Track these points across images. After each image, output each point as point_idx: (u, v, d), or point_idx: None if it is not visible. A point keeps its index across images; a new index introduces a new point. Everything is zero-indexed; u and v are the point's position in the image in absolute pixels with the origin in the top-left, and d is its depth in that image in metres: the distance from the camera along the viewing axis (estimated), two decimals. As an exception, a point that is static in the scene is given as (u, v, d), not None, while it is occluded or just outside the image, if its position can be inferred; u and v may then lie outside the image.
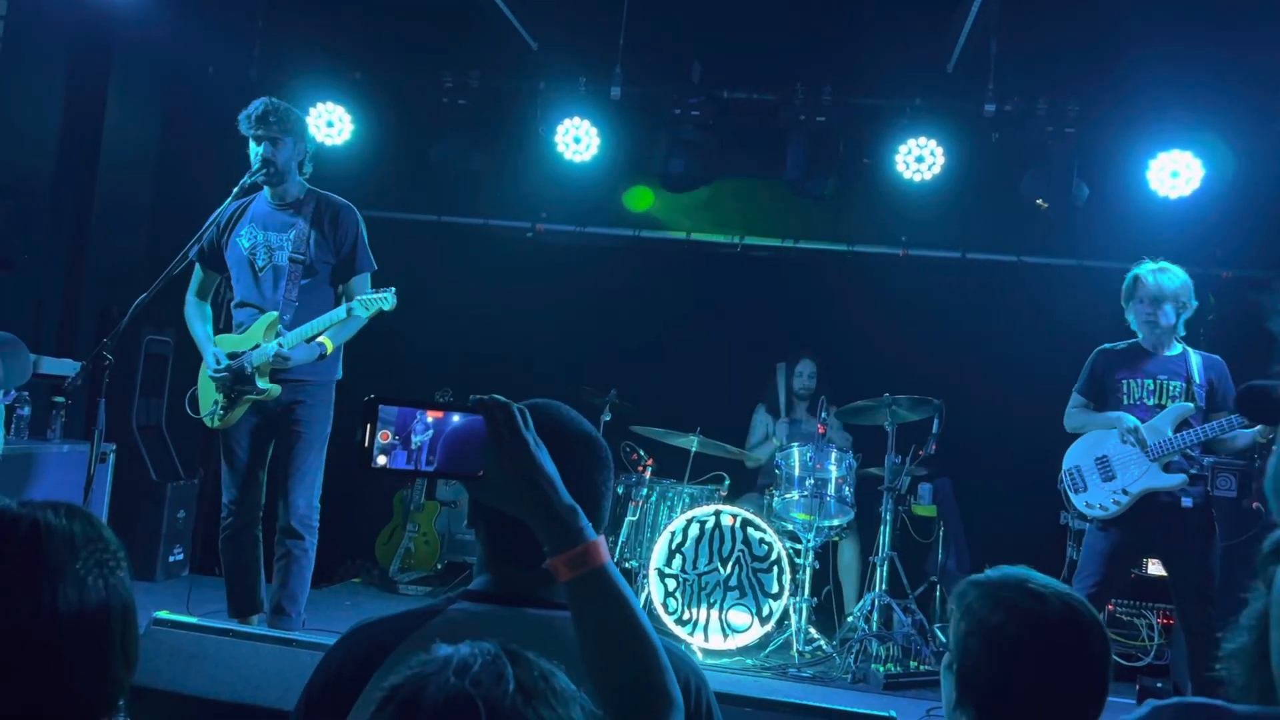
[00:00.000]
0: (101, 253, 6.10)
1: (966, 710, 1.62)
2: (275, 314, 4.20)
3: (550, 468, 1.35)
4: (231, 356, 4.20)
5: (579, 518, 1.33)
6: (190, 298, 4.44)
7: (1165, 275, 4.35)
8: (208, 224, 4.31)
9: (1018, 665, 1.56)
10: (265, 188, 4.31)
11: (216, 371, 4.18)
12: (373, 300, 4.23)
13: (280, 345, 4.11)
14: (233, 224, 4.33)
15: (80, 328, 5.99)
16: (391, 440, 1.32)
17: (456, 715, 0.90)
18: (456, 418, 1.34)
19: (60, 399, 5.35)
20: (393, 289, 4.27)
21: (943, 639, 4.89)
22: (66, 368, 5.29)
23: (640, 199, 7.18)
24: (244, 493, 4.28)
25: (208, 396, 4.31)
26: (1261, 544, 1.15)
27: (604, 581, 1.31)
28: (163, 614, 2.51)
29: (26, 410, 5.30)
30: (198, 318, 4.41)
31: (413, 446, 1.33)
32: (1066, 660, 1.56)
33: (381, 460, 1.31)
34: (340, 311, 4.22)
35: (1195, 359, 4.38)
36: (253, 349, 4.18)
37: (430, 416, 1.33)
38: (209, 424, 4.30)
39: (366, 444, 1.31)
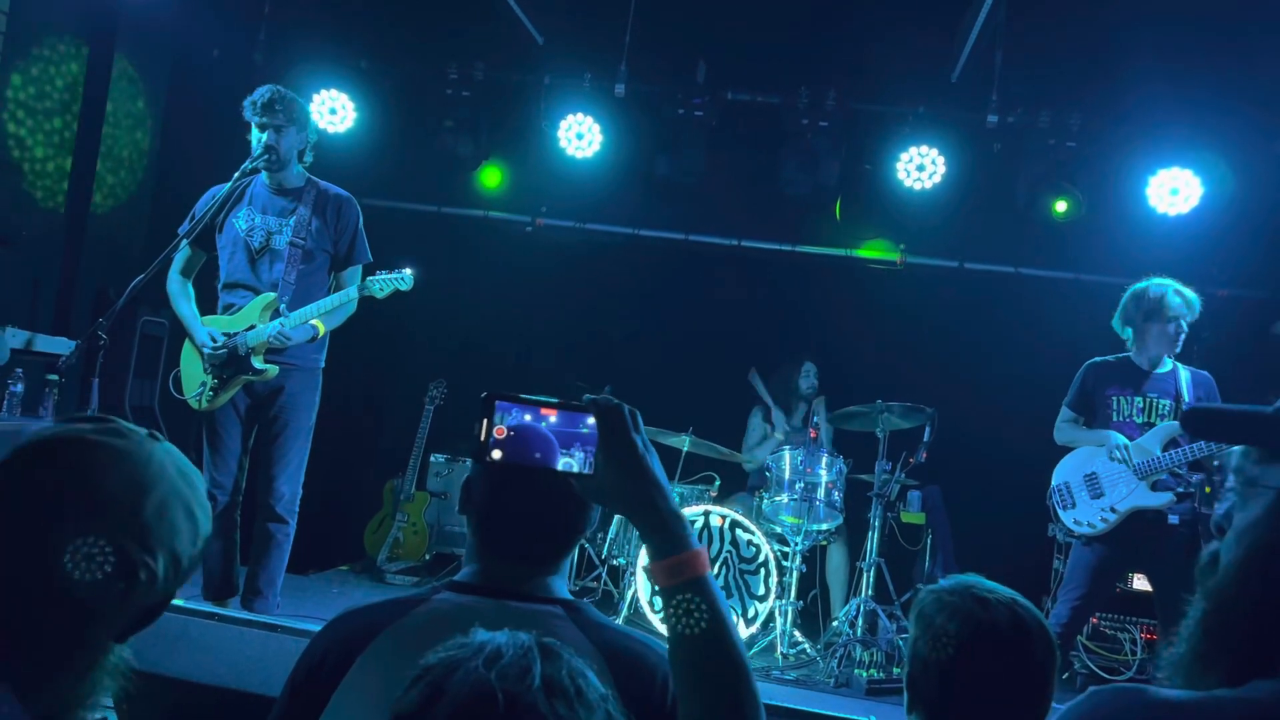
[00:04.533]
0: (100, 232, 6.10)
1: (918, 713, 1.64)
2: (273, 295, 4.21)
3: (659, 472, 1.35)
4: (225, 337, 4.20)
5: (683, 525, 1.33)
6: (174, 275, 4.37)
7: (1190, 294, 4.37)
8: (203, 207, 4.31)
9: (962, 667, 1.59)
10: (263, 172, 4.31)
11: (214, 351, 4.17)
12: (389, 280, 4.25)
13: (282, 325, 4.12)
14: (228, 206, 4.32)
15: (76, 306, 5.98)
16: (507, 435, 1.33)
17: (477, 704, 0.91)
18: (572, 417, 1.36)
19: (54, 377, 5.33)
20: (409, 270, 4.28)
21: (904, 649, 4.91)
22: (61, 346, 5.29)
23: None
24: (226, 476, 4.27)
25: (193, 378, 4.28)
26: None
27: (700, 592, 1.30)
28: (149, 595, 2.51)
29: (20, 387, 5.29)
30: (183, 297, 4.36)
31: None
32: (1010, 663, 1.58)
33: (496, 454, 1.33)
34: (352, 291, 4.25)
35: (1185, 376, 4.39)
36: (247, 330, 4.18)
37: (545, 414, 1.35)
38: (195, 405, 4.28)
39: (483, 438, 1.33)
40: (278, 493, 4.25)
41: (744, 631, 5.16)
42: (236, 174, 4.24)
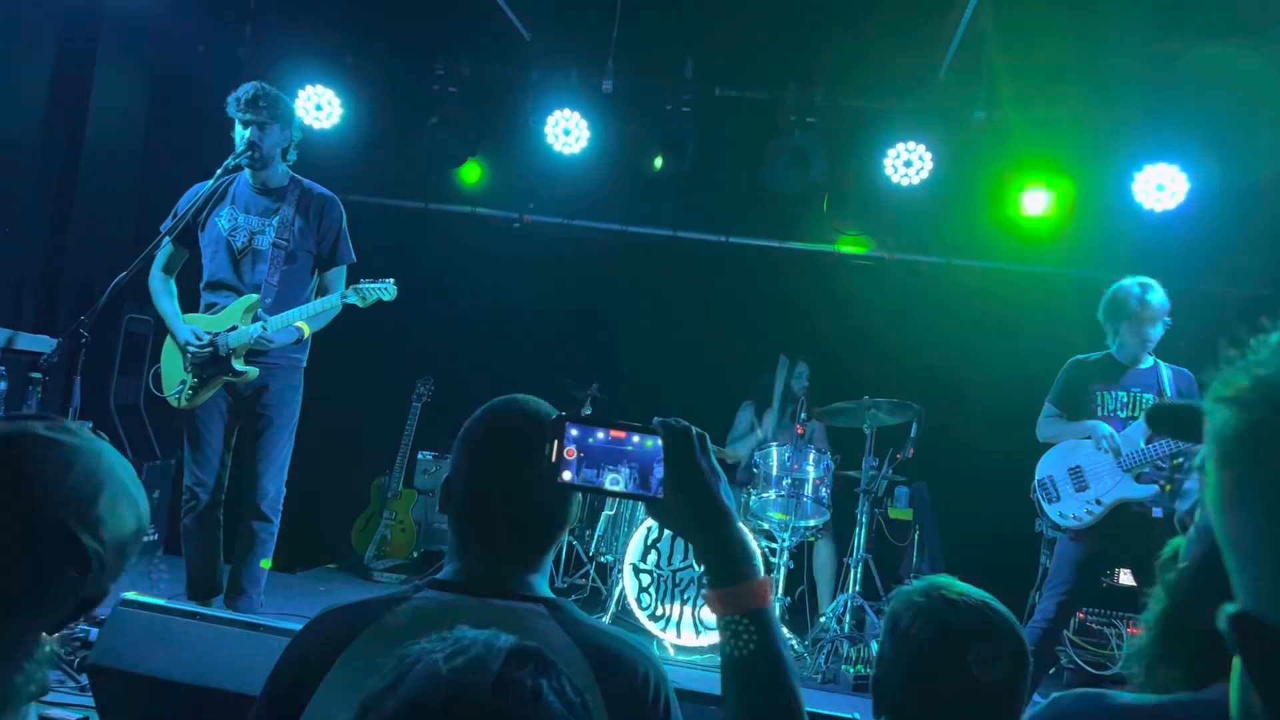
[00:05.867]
0: (84, 229, 6.06)
1: (884, 715, 1.61)
2: (255, 296, 4.17)
3: (727, 498, 1.33)
4: (209, 335, 4.16)
5: (747, 557, 1.30)
6: (155, 272, 4.33)
7: (1162, 293, 4.38)
8: (186, 204, 4.28)
9: (926, 668, 1.55)
10: (246, 170, 4.28)
11: (198, 350, 4.13)
12: (372, 290, 4.22)
13: (264, 328, 4.09)
14: (211, 204, 4.28)
15: (60, 303, 5.94)
16: (577, 456, 1.35)
17: (423, 693, 0.90)
18: (638, 438, 1.36)
19: (37, 375, 5.29)
20: (392, 280, 4.26)
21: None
22: (44, 344, 5.25)
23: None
24: (209, 474, 4.24)
25: (173, 375, 4.24)
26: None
27: (756, 625, 1.27)
28: (131, 595, 2.50)
29: (2, 385, 5.25)
30: (165, 294, 4.32)
31: (621, 478, 1.35)
32: (976, 664, 1.55)
33: (566, 475, 1.34)
34: (335, 299, 4.21)
35: (1166, 372, 4.42)
36: (229, 330, 4.15)
37: (614, 436, 1.36)
38: (174, 403, 4.24)
39: (554, 459, 1.34)
40: (263, 490, 4.22)
41: (732, 628, 5.16)
42: (219, 171, 4.20)
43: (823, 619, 5.39)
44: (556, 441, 1.34)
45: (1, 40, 5.57)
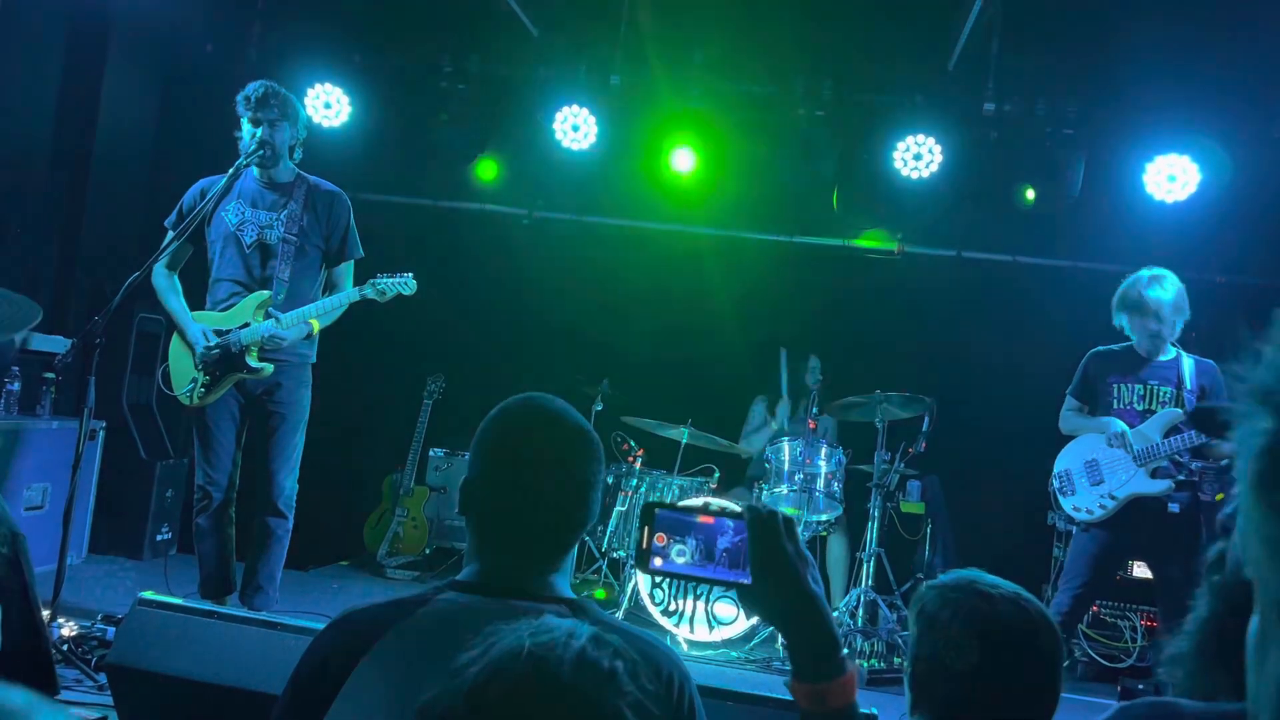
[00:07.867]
0: (96, 229, 6.08)
1: (922, 713, 1.61)
2: (268, 293, 4.18)
3: (814, 588, 1.31)
4: (218, 334, 4.17)
5: (835, 649, 1.30)
6: (160, 269, 4.32)
7: (1161, 287, 4.32)
8: (191, 200, 4.29)
9: (966, 663, 1.55)
10: (253, 166, 4.28)
11: (207, 349, 4.14)
12: (391, 285, 4.24)
13: (276, 325, 4.10)
14: (218, 200, 4.29)
15: (73, 304, 5.97)
16: (667, 543, 1.37)
17: (504, 660, 0.94)
18: (730, 524, 1.36)
19: (51, 375, 5.33)
20: (411, 274, 4.27)
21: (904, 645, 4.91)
22: (57, 344, 5.27)
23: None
24: (221, 473, 4.24)
25: (183, 373, 4.23)
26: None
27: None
28: (148, 594, 2.51)
29: (16, 386, 5.28)
30: (171, 291, 4.32)
31: (687, 550, 1.37)
32: (1014, 658, 1.55)
33: (657, 561, 1.36)
34: (352, 294, 4.22)
35: (1189, 364, 4.37)
36: (241, 327, 4.15)
37: (704, 522, 1.37)
38: (185, 402, 4.23)
39: (645, 545, 1.36)
40: (279, 487, 4.23)
41: (745, 623, 5.17)
42: (232, 169, 4.22)
43: (836, 614, 5.38)
44: (647, 528, 1.36)
45: (12, 42, 5.59)
